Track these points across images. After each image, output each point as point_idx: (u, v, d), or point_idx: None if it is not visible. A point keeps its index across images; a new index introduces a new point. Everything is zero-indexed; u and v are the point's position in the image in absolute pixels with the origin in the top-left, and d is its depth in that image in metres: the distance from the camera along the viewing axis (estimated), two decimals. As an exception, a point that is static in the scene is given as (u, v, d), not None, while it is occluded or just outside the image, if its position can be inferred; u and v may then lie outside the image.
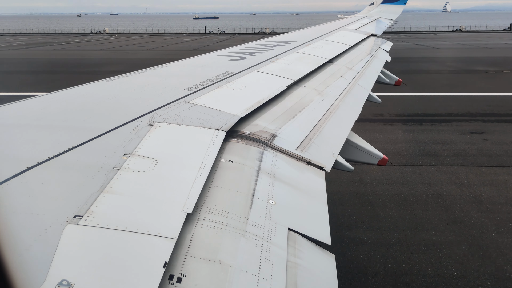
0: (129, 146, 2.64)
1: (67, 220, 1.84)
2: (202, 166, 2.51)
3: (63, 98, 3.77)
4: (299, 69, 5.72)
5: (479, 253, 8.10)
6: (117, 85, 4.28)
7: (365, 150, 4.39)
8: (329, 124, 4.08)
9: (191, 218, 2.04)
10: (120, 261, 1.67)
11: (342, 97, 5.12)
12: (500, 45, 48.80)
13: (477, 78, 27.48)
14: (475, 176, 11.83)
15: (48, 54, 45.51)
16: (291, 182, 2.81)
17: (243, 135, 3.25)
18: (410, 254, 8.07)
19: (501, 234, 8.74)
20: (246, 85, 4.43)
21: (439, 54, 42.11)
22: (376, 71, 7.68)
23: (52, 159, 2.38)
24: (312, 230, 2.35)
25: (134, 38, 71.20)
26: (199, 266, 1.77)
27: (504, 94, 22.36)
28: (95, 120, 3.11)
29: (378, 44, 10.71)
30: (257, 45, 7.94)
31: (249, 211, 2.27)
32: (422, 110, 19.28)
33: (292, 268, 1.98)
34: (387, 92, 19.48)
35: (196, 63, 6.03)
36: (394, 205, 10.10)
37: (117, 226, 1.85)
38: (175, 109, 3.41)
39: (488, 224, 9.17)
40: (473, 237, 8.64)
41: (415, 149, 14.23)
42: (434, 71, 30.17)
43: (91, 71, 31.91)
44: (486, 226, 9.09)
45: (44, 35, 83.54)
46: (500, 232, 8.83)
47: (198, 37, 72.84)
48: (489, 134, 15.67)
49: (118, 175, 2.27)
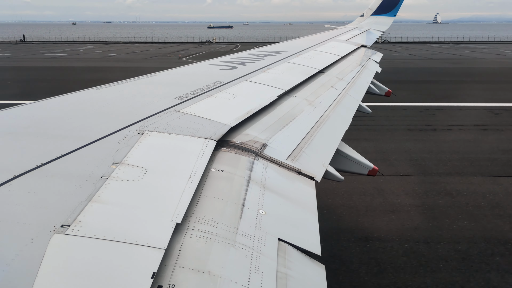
0: (118, 155, 2.61)
1: (54, 230, 1.81)
2: (192, 175, 2.49)
3: (51, 106, 3.73)
4: (290, 79, 5.74)
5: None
6: (107, 94, 4.26)
7: (355, 160, 4.40)
8: (319, 134, 4.08)
9: (180, 228, 2.02)
10: (108, 271, 1.64)
11: (333, 107, 5.14)
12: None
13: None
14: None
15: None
16: (282, 192, 2.80)
17: (234, 144, 3.24)
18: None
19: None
20: (237, 95, 4.43)
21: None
22: (367, 81, 7.73)
23: (40, 167, 2.35)
24: (302, 240, 2.33)
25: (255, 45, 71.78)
26: (188, 277, 1.74)
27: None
28: (84, 128, 3.09)
29: (369, 55, 10.79)
30: (249, 54, 7.96)
31: (239, 221, 2.25)
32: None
33: (282, 279, 1.96)
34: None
35: (187, 72, 6.02)
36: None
37: (105, 236, 1.82)
38: (165, 118, 3.39)
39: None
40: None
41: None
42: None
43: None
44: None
45: (135, 43, 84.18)
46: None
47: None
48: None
49: (107, 184, 2.25)
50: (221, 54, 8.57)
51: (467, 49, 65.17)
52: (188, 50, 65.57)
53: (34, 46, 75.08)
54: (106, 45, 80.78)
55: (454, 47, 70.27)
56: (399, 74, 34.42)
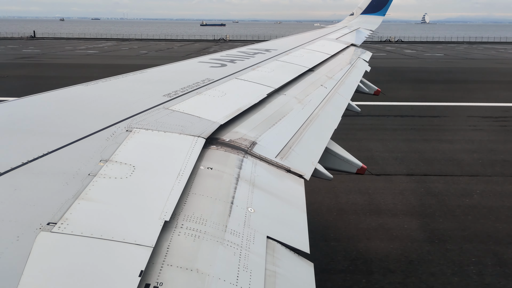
0: (106, 152, 2.59)
1: (40, 227, 1.79)
2: (181, 173, 2.48)
3: (37, 102, 3.69)
4: (279, 77, 5.74)
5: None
6: (95, 90, 4.22)
7: (344, 159, 4.41)
8: (309, 132, 4.09)
9: (168, 225, 2.01)
10: (95, 269, 1.63)
11: (322, 105, 5.15)
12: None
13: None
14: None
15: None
16: (271, 190, 2.80)
17: (223, 142, 3.23)
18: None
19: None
20: (227, 92, 4.42)
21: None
22: (356, 80, 7.76)
23: (26, 164, 2.32)
24: (291, 238, 2.34)
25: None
26: (176, 274, 1.73)
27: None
28: (72, 125, 3.05)
29: (358, 54, 10.84)
30: (238, 52, 7.95)
31: (228, 219, 2.24)
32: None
33: (270, 277, 1.96)
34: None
35: (177, 69, 5.99)
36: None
37: (92, 234, 1.80)
38: (154, 115, 3.37)
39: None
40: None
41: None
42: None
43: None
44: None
45: (148, 40, 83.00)
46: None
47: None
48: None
49: (94, 181, 2.23)
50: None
51: (493, 50, 65.76)
52: (210, 48, 64.61)
53: (51, 43, 74.01)
54: (123, 42, 79.95)
55: (475, 47, 71.04)
56: (464, 75, 34.78)
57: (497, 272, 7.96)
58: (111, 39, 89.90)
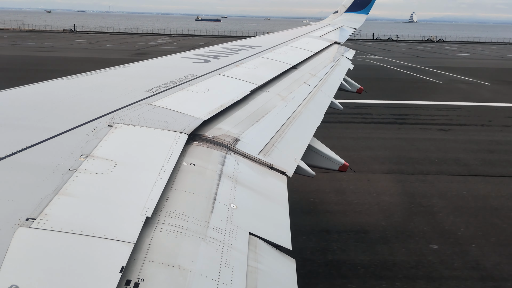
0: (87, 147, 2.55)
1: (18, 223, 1.76)
2: (163, 169, 2.47)
3: (16, 96, 3.61)
4: (263, 74, 5.74)
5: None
6: (76, 84, 4.15)
7: (326, 156, 4.44)
8: (292, 129, 4.10)
9: (150, 222, 1.99)
10: (75, 265, 1.61)
11: (305, 103, 5.17)
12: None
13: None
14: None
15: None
16: (253, 187, 2.80)
17: (206, 138, 3.22)
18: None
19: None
20: (210, 88, 4.40)
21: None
22: (339, 78, 7.81)
23: (4, 159, 2.27)
24: (273, 235, 2.35)
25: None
26: (158, 271, 1.73)
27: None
28: (51, 119, 3.00)
29: (341, 52, 10.91)
30: (222, 48, 7.92)
31: (210, 215, 2.24)
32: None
33: (252, 273, 1.97)
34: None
35: (159, 64, 5.94)
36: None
37: (72, 230, 1.78)
38: (136, 111, 3.34)
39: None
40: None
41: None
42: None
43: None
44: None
45: (160, 35, 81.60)
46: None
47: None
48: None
49: (75, 176, 2.20)
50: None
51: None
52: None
53: (103, 37, 73.30)
54: (171, 36, 78.30)
55: (500, 47, 71.35)
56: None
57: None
58: (161, 35, 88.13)
